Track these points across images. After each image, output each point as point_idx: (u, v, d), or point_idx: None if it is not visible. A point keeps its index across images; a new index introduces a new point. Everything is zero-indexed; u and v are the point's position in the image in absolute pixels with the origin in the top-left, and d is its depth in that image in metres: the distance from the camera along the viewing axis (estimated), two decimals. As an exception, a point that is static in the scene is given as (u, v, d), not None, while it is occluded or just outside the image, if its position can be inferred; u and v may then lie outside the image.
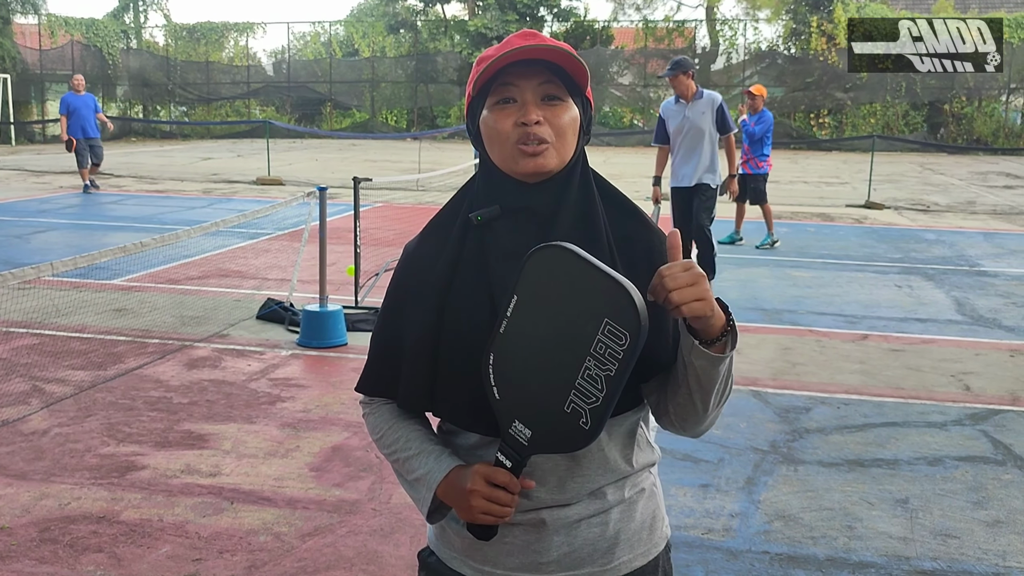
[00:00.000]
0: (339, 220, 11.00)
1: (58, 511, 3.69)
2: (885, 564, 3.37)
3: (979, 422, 4.91)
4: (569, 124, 1.46)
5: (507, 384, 1.36)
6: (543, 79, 1.45)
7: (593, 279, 1.30)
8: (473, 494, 1.39)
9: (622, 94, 31.71)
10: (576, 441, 1.33)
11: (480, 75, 1.45)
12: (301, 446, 4.42)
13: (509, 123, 1.44)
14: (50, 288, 7.34)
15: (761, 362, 5.94)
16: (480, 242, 1.47)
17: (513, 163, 1.45)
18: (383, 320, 1.57)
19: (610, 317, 1.28)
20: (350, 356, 5.98)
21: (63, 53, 31.32)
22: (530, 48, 1.41)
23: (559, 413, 1.33)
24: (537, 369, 1.34)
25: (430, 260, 1.50)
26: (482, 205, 1.48)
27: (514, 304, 1.34)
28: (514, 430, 1.37)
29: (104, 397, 5.07)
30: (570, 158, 1.47)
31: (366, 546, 3.45)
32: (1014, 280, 8.91)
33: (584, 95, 1.50)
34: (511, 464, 1.38)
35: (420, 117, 32.63)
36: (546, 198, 1.46)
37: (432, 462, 1.49)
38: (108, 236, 10.65)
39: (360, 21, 35.78)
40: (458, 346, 1.43)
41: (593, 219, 1.47)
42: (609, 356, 1.28)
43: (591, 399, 1.30)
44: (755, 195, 10.65)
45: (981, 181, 19.17)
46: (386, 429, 1.57)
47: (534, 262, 1.33)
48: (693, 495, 3.93)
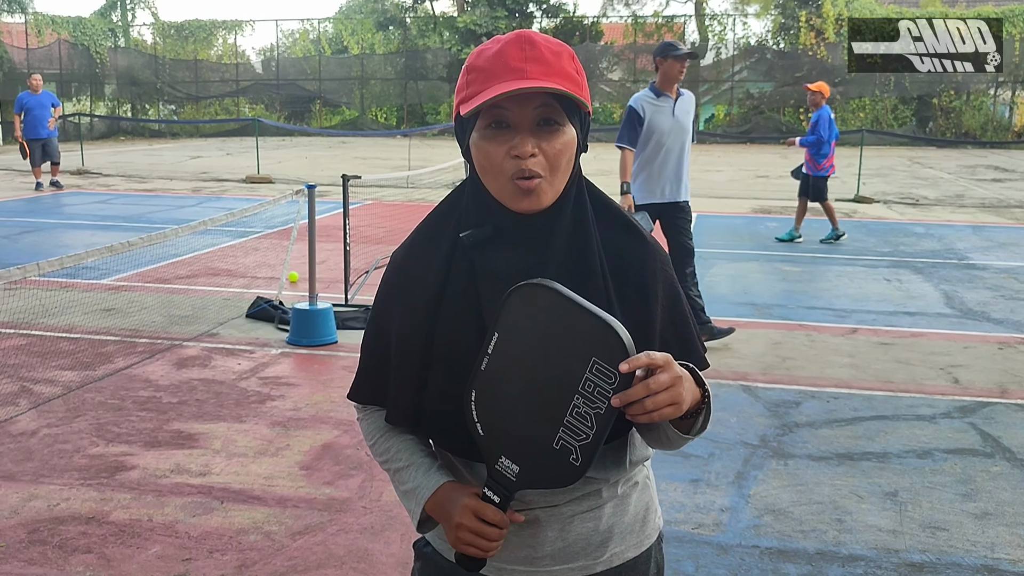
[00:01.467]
0: (329, 218, 10.98)
1: (47, 512, 3.67)
2: (875, 557, 3.39)
3: (968, 415, 4.93)
4: (564, 152, 1.38)
5: (491, 421, 1.34)
6: (539, 103, 1.36)
7: (579, 318, 1.28)
8: (461, 528, 1.38)
9: (612, 89, 31.70)
10: (566, 477, 1.32)
11: (469, 98, 1.37)
12: (291, 445, 4.41)
13: (502, 153, 1.37)
14: (38, 288, 7.31)
15: (751, 356, 5.95)
16: (469, 262, 1.43)
17: (508, 200, 1.39)
18: (372, 330, 1.54)
19: (598, 356, 1.26)
20: (340, 354, 5.97)
21: (50, 52, 31.14)
22: (524, 90, 1.33)
23: (548, 450, 1.31)
24: (522, 406, 1.32)
25: (418, 277, 1.47)
26: (472, 222, 1.43)
27: (495, 341, 1.32)
28: (501, 466, 1.35)
29: (93, 397, 5.05)
30: (564, 186, 1.42)
31: (357, 544, 3.44)
32: (1002, 273, 8.95)
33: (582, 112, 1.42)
34: (499, 500, 1.37)
35: (410, 114, 32.59)
36: (539, 225, 1.42)
37: (421, 476, 1.47)
38: (97, 236, 10.60)
39: (349, 18, 35.67)
40: (445, 371, 1.41)
41: (586, 239, 1.43)
42: (599, 395, 1.27)
43: (581, 436, 1.29)
44: (816, 193, 10.58)
45: (970, 175, 19.24)
46: (378, 437, 1.56)
47: (516, 299, 1.31)
48: (683, 490, 3.93)
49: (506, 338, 1.32)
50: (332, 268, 8.22)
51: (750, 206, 14.04)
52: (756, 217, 12.93)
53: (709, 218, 12.59)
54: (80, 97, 32.50)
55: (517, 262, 1.40)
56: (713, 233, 11.32)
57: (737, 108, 30.64)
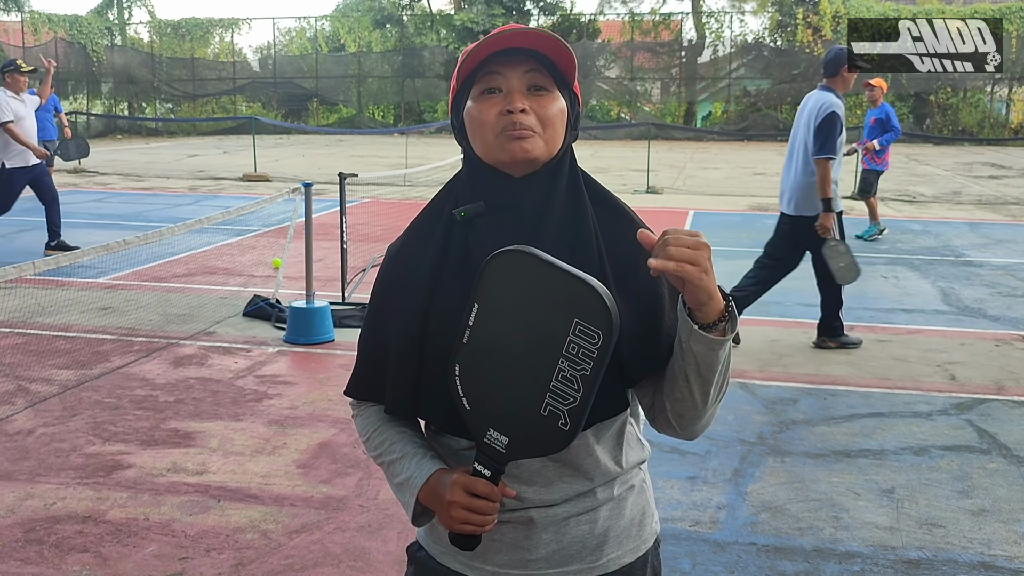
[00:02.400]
0: (325, 216, 10.97)
1: (43, 511, 3.67)
2: (871, 554, 3.39)
3: (964, 411, 4.93)
4: (556, 115, 1.42)
5: (477, 393, 1.34)
6: (529, 67, 1.41)
7: (558, 280, 1.28)
8: (453, 505, 1.37)
9: (609, 87, 31.70)
10: (556, 443, 1.32)
11: (464, 63, 1.41)
12: (288, 443, 4.40)
13: (494, 112, 1.41)
14: (34, 287, 7.30)
15: (748, 354, 5.95)
16: (464, 240, 1.43)
17: (498, 151, 1.41)
18: (368, 324, 1.54)
19: (580, 317, 1.26)
20: (337, 352, 5.96)
21: (47, 51, 31.00)
22: (516, 33, 1.38)
23: (536, 417, 1.31)
24: (507, 376, 1.32)
25: (414, 260, 1.47)
26: (466, 201, 1.44)
27: (475, 313, 1.32)
28: (489, 438, 1.34)
29: (89, 396, 5.04)
30: (557, 151, 1.43)
31: (353, 543, 3.44)
32: (999, 270, 8.96)
33: (571, 89, 1.47)
34: (490, 473, 1.36)
35: (407, 112, 32.56)
36: (532, 194, 1.42)
37: (414, 466, 1.46)
38: (93, 234, 10.59)
39: (346, 16, 35.63)
40: (442, 349, 1.40)
41: (581, 217, 1.43)
42: (583, 356, 1.27)
43: (568, 400, 1.29)
44: (865, 186, 10.71)
45: (966, 171, 19.25)
46: (372, 432, 1.55)
47: (492, 268, 1.31)
48: (680, 487, 3.93)
49: (486, 308, 1.31)
50: (329, 266, 8.21)
51: (747, 203, 14.04)
52: (753, 214, 12.93)
53: (706, 215, 12.60)
54: (77, 96, 32.44)
55: (510, 236, 1.39)
56: (710, 230, 11.32)
57: (734, 105, 30.63)
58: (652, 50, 31.41)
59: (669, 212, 12.75)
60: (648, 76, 31.82)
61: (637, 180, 16.09)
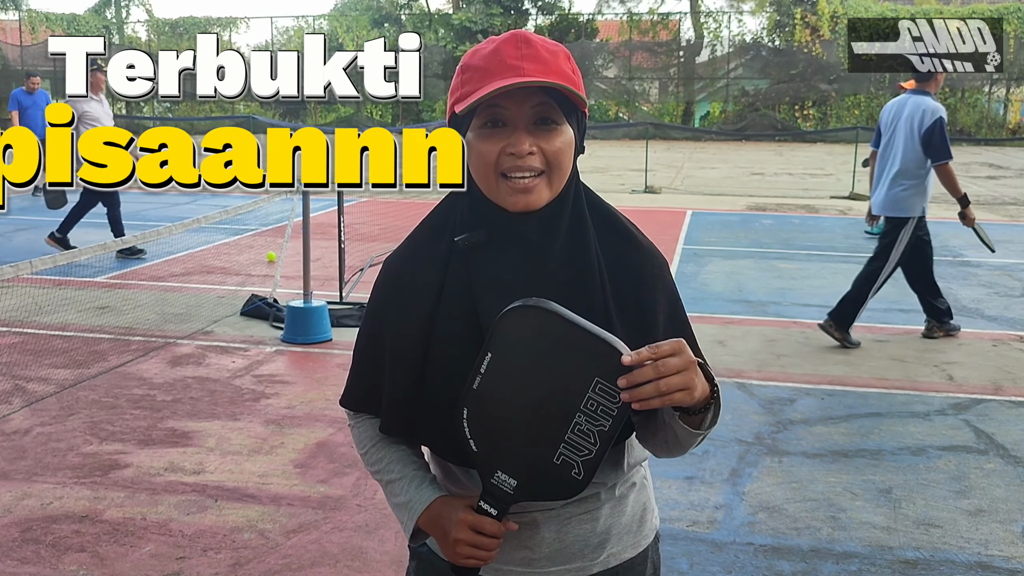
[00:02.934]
0: (323, 216, 10.96)
1: (40, 511, 3.66)
2: (868, 554, 3.39)
3: (962, 412, 4.93)
4: (564, 149, 1.36)
5: (486, 437, 1.33)
6: (537, 101, 1.33)
7: (578, 338, 1.27)
8: (459, 543, 1.36)
9: (607, 87, 31.71)
10: (568, 490, 1.32)
11: (464, 95, 1.35)
12: (286, 443, 4.40)
13: (496, 150, 1.34)
14: (31, 286, 7.28)
15: (746, 354, 5.95)
16: (465, 268, 1.40)
17: (499, 198, 1.36)
18: (365, 338, 1.51)
19: (601, 376, 1.26)
20: (335, 352, 5.96)
21: (44, 49, 31.05)
22: (522, 85, 1.31)
23: (548, 464, 1.31)
24: (519, 425, 1.31)
25: (413, 286, 1.44)
26: (467, 226, 1.40)
27: (488, 361, 1.30)
28: (497, 479, 1.34)
29: (87, 395, 5.03)
30: (562, 187, 1.38)
31: (351, 542, 3.44)
32: (996, 270, 8.97)
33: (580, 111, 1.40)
34: (496, 512, 1.36)
35: (405, 112, 32.56)
36: (536, 227, 1.38)
37: (413, 491, 1.46)
38: (91, 233, 10.57)
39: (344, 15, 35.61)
40: (442, 379, 1.39)
41: (585, 247, 1.40)
42: (602, 413, 1.27)
43: (584, 452, 1.29)
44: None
45: (964, 172, 19.25)
46: (370, 447, 1.54)
47: (510, 320, 1.28)
48: (678, 487, 3.93)
49: (500, 359, 1.30)
50: (327, 266, 8.20)
51: (745, 203, 14.05)
52: (751, 214, 12.94)
53: (704, 215, 12.60)
54: (74, 94, 32.42)
55: (514, 267, 1.37)
56: (708, 230, 11.33)
57: (732, 105, 30.65)
58: (650, 50, 31.43)
59: (667, 212, 12.76)
60: (646, 76, 31.84)
61: (635, 180, 16.10)
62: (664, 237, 10.08)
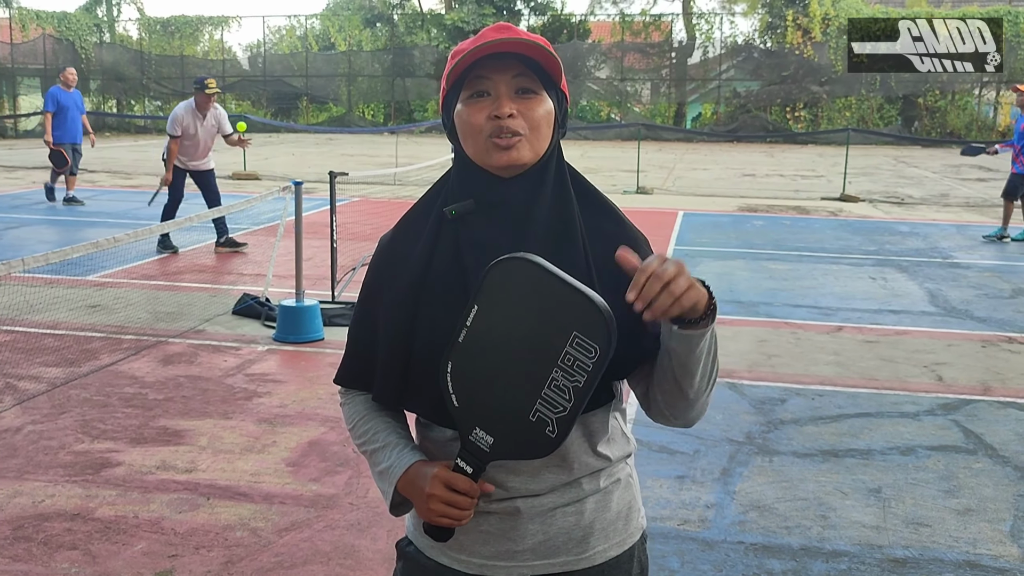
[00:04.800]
0: (315, 215, 10.96)
1: (32, 509, 3.66)
2: (858, 553, 3.41)
3: (951, 412, 4.97)
4: (543, 117, 1.45)
5: (467, 392, 1.36)
6: (517, 72, 1.45)
7: (561, 292, 1.29)
8: (432, 498, 1.40)
9: (599, 88, 31.75)
10: (542, 448, 1.34)
11: (453, 68, 1.45)
12: (278, 441, 4.40)
13: (482, 116, 1.44)
14: (22, 284, 7.26)
15: (737, 354, 5.98)
16: (454, 236, 1.47)
17: (486, 156, 1.45)
18: (359, 314, 1.57)
19: (579, 330, 1.28)
20: (327, 351, 5.96)
21: (35, 47, 30.94)
22: (503, 41, 1.41)
23: (524, 421, 1.33)
24: (499, 379, 1.34)
25: (404, 255, 1.51)
26: (457, 199, 1.48)
27: (474, 314, 1.33)
28: (474, 436, 1.37)
29: (78, 394, 5.03)
30: (544, 151, 1.47)
31: (343, 540, 3.44)
32: (986, 271, 9.02)
33: (559, 88, 1.50)
34: (471, 470, 1.38)
35: (397, 111, 32.55)
36: (521, 192, 1.46)
37: (395, 456, 1.49)
38: (82, 232, 10.55)
39: (336, 15, 35.60)
40: (431, 342, 1.43)
41: (568, 215, 1.47)
42: (578, 368, 1.29)
43: (558, 408, 1.31)
44: (1010, 189, 10.82)
45: (954, 174, 19.36)
46: (358, 420, 1.58)
47: (497, 272, 1.32)
48: (669, 486, 3.95)
49: (486, 310, 1.33)
50: (319, 265, 8.21)
51: (736, 204, 14.09)
52: (742, 215, 12.98)
53: (695, 216, 12.64)
54: (65, 92, 32.28)
55: (500, 233, 1.44)
56: (699, 231, 11.37)
57: (724, 107, 30.73)
58: (642, 51, 31.49)
59: (659, 212, 12.79)
60: (638, 77, 31.90)
61: (627, 181, 16.13)
62: (655, 238, 10.09)
